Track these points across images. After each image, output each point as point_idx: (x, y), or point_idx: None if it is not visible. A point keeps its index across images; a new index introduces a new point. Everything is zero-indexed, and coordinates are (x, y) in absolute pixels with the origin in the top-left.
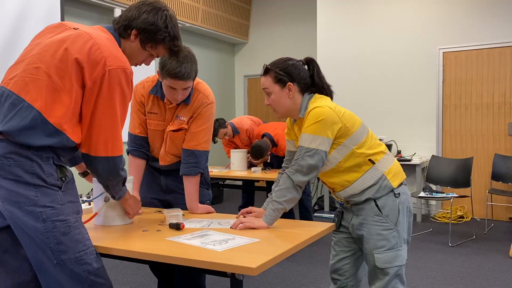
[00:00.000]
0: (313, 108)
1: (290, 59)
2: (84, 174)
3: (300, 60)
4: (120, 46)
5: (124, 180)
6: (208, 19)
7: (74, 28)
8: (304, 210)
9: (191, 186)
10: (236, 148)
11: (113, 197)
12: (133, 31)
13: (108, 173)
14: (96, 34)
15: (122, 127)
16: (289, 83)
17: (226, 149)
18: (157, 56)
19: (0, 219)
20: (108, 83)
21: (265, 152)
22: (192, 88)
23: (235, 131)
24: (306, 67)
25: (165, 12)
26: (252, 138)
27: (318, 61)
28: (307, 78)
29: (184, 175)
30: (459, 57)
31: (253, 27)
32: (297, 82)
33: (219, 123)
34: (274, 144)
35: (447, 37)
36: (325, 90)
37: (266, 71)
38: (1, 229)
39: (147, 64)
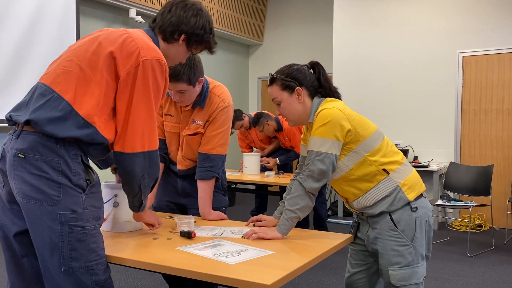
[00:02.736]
0: (321, 110)
1: (295, 64)
2: (116, 170)
3: (305, 65)
4: (158, 47)
5: (156, 180)
6: (223, 21)
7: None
8: (318, 217)
9: (204, 190)
10: (250, 144)
11: (139, 205)
12: (182, 36)
13: (144, 170)
14: (132, 30)
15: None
16: (297, 87)
17: (240, 143)
18: (192, 54)
19: (21, 221)
20: (143, 74)
21: (263, 119)
22: (207, 92)
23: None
24: (311, 71)
25: (203, 12)
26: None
27: (334, 64)
28: (314, 82)
29: (198, 179)
30: (480, 61)
31: (268, 28)
32: (305, 86)
33: (236, 115)
34: (280, 127)
35: (467, 41)
36: (333, 93)
37: (272, 80)
38: (22, 233)
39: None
